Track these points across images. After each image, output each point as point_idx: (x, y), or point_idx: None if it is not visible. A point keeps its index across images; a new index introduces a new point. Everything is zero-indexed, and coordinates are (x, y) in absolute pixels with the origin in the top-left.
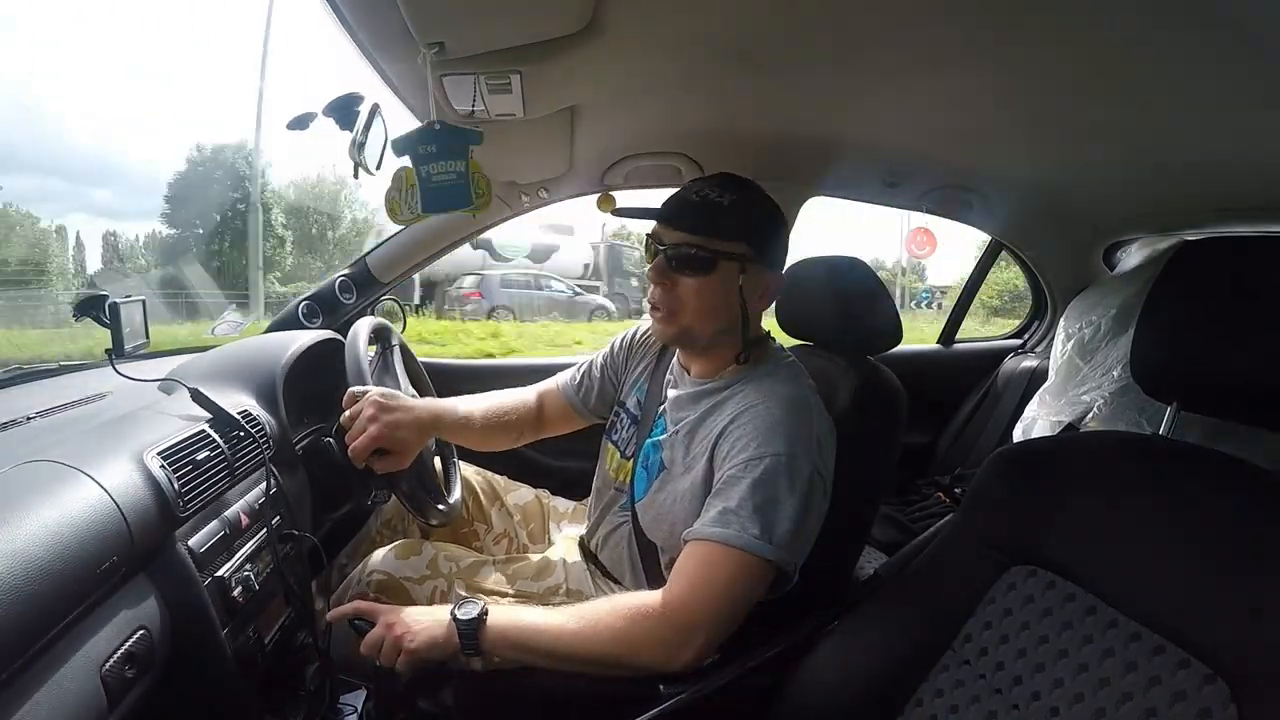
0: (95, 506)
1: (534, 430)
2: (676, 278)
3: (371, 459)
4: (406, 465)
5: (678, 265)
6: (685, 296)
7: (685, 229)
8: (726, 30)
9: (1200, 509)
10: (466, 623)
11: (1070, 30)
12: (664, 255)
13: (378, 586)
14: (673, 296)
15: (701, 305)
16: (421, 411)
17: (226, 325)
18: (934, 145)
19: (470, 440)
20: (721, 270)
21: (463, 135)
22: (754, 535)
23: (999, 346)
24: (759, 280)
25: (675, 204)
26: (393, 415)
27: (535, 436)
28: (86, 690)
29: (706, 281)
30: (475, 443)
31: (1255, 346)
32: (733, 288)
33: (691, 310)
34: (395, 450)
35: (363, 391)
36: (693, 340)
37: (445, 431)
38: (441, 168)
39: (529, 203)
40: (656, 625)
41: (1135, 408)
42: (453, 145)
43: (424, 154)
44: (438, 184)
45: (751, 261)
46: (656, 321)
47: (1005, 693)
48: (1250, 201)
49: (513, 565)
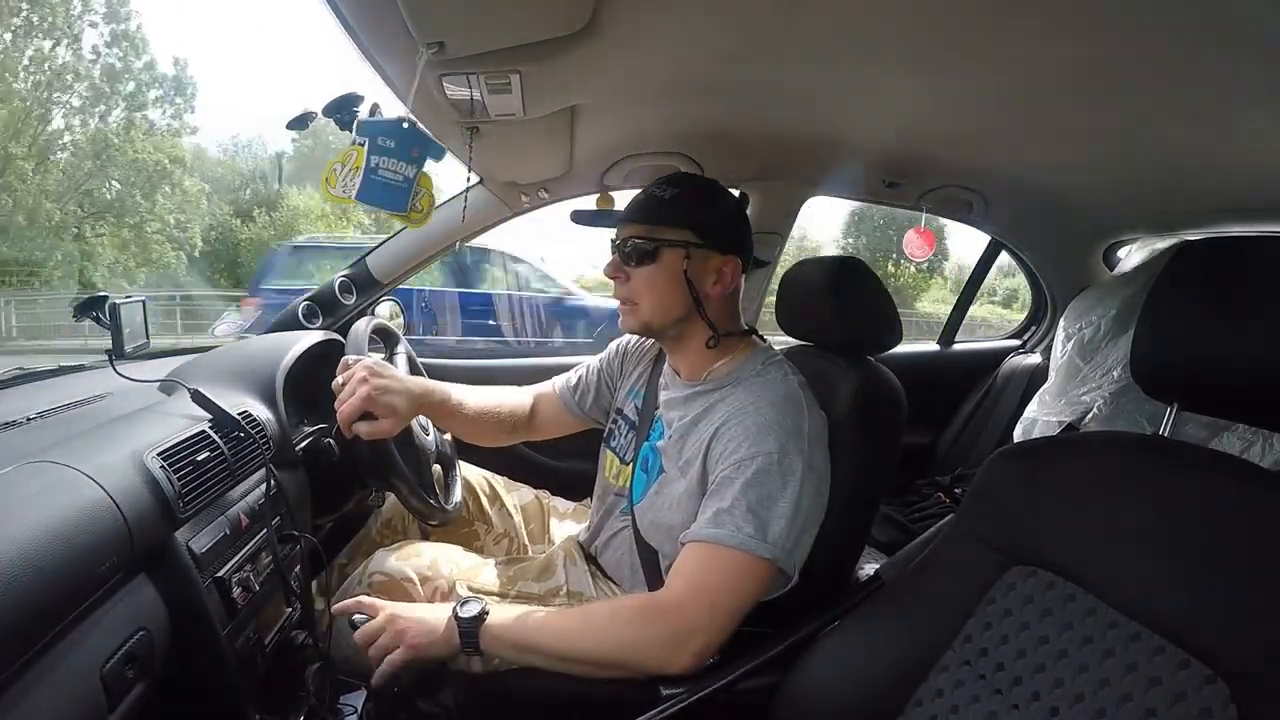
0: (95, 507)
1: (526, 429)
2: (628, 270)
3: (359, 425)
4: (393, 432)
5: (626, 257)
6: (638, 286)
7: (630, 223)
8: (726, 30)
9: (1201, 509)
10: (467, 621)
11: (1071, 30)
12: (616, 250)
13: (378, 588)
14: (629, 288)
15: (652, 292)
16: (412, 383)
17: (227, 325)
18: (934, 145)
19: (459, 428)
20: (665, 257)
21: (425, 145)
22: (749, 534)
23: (999, 346)
24: (706, 264)
25: (628, 205)
26: (383, 380)
27: (527, 436)
28: (86, 690)
29: (653, 269)
30: (464, 431)
31: (1255, 346)
32: (677, 272)
33: (645, 298)
34: (383, 415)
35: (355, 360)
36: (654, 329)
37: (434, 410)
38: (392, 165)
39: (529, 203)
40: (656, 626)
41: (1135, 408)
42: (411, 150)
43: (381, 146)
44: (381, 179)
45: (696, 246)
46: (621, 315)
47: (1005, 693)
48: (1250, 201)
49: (514, 566)
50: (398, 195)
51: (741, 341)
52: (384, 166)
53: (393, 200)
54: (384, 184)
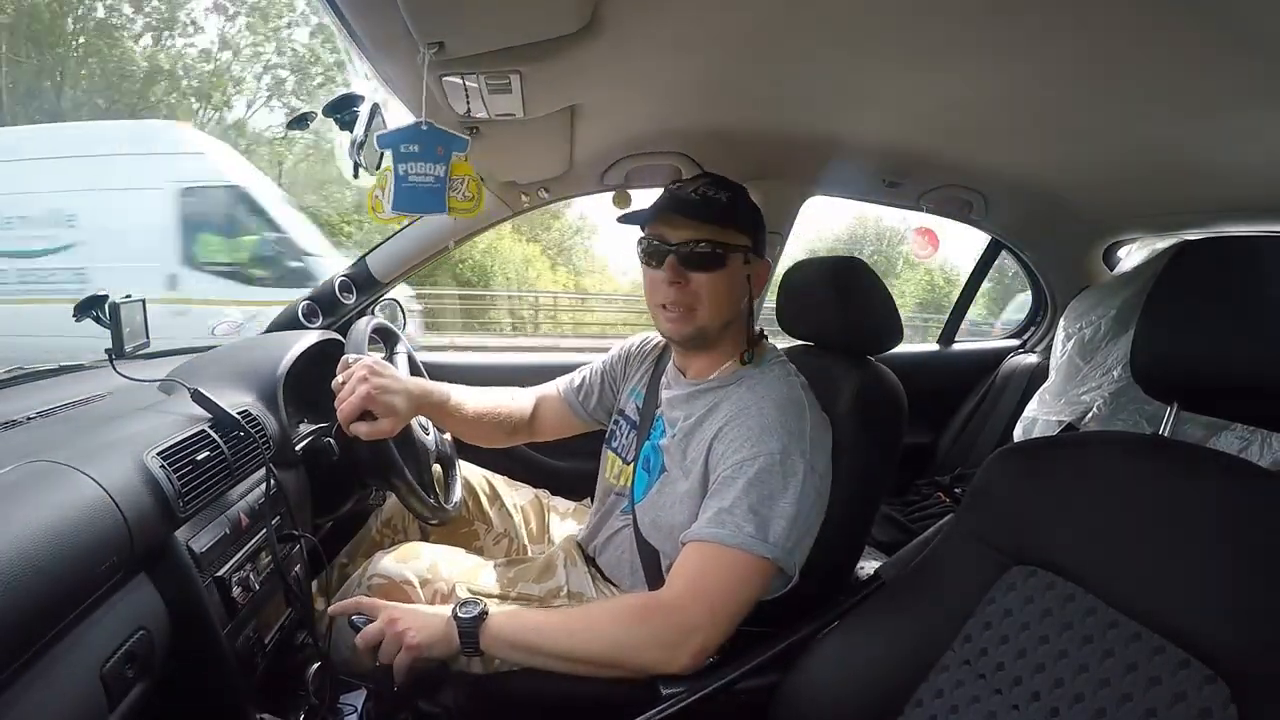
0: (95, 506)
1: (527, 431)
2: (690, 275)
3: (358, 425)
4: (393, 432)
5: (691, 263)
6: (700, 292)
7: (693, 226)
8: (726, 30)
9: (1200, 509)
10: (467, 622)
11: (1070, 30)
12: (675, 254)
13: (377, 590)
14: (688, 293)
15: (716, 299)
16: (412, 384)
17: (227, 325)
18: (934, 145)
19: (458, 428)
20: (731, 263)
21: (448, 140)
22: (749, 534)
23: (999, 346)
24: (755, 269)
25: (677, 203)
26: (382, 379)
27: (528, 438)
28: (86, 690)
29: (720, 275)
30: (464, 432)
31: (1255, 346)
32: (741, 279)
33: (707, 305)
34: (383, 414)
35: (355, 359)
36: (708, 336)
37: (434, 410)
38: (420, 169)
39: (529, 202)
40: (655, 626)
41: (1135, 408)
42: (436, 149)
43: (405, 153)
44: (412, 184)
45: (752, 252)
46: (670, 321)
47: (1005, 693)
48: (1250, 201)
49: (514, 568)
50: (433, 197)
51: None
52: (413, 172)
53: (429, 203)
54: (416, 189)
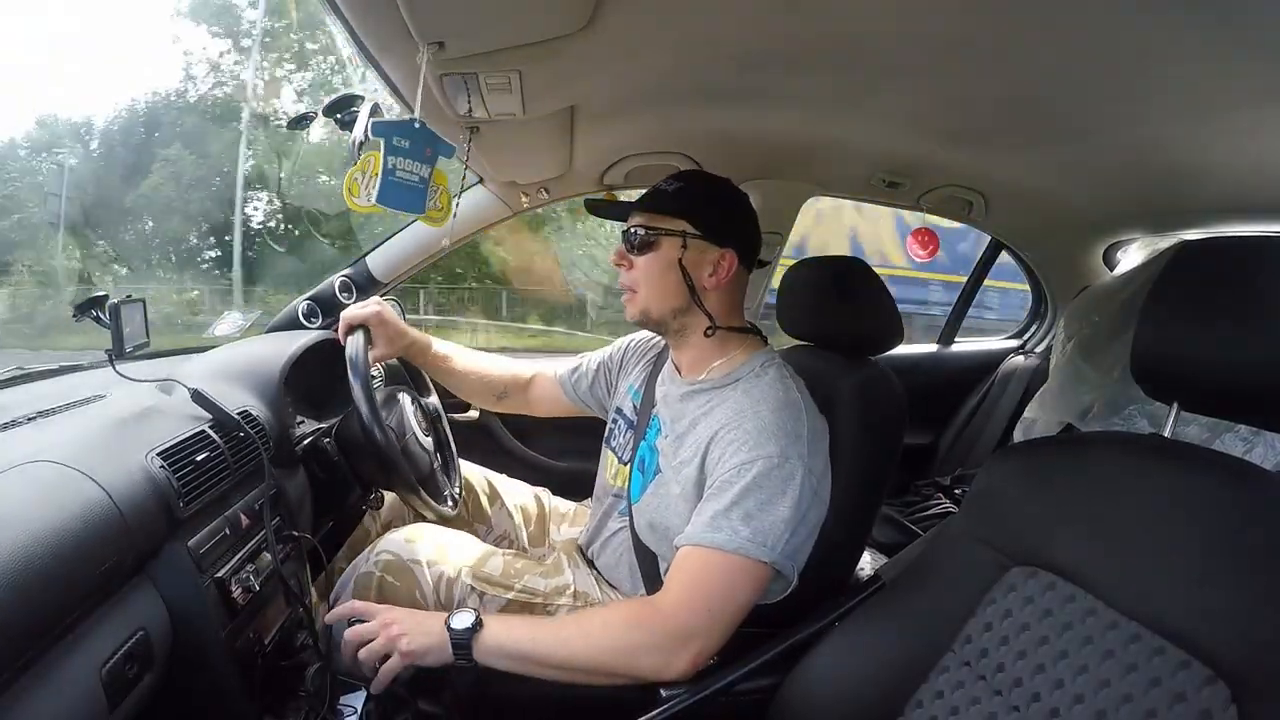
0: (95, 507)
1: (520, 400)
2: (631, 258)
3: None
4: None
5: (629, 246)
6: (638, 274)
7: (637, 214)
8: (726, 30)
9: (1200, 510)
10: (460, 633)
11: (1070, 30)
12: (622, 239)
13: (385, 566)
14: (631, 276)
15: (649, 280)
16: (406, 328)
17: (227, 325)
18: (934, 145)
19: (445, 378)
20: (663, 246)
21: (436, 144)
22: (746, 539)
23: (999, 347)
24: (703, 256)
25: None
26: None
27: (521, 408)
28: (86, 690)
29: (652, 258)
30: (451, 383)
31: (1256, 347)
32: (673, 261)
33: (643, 286)
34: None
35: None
36: (652, 318)
37: (419, 355)
38: (408, 166)
39: (529, 202)
40: (652, 633)
41: (1135, 408)
42: (425, 149)
43: (396, 146)
44: (399, 180)
45: (694, 237)
46: (624, 303)
47: (1005, 694)
48: (1250, 201)
49: (521, 560)
50: (416, 196)
51: (742, 340)
52: (401, 168)
53: (411, 201)
54: (402, 185)
